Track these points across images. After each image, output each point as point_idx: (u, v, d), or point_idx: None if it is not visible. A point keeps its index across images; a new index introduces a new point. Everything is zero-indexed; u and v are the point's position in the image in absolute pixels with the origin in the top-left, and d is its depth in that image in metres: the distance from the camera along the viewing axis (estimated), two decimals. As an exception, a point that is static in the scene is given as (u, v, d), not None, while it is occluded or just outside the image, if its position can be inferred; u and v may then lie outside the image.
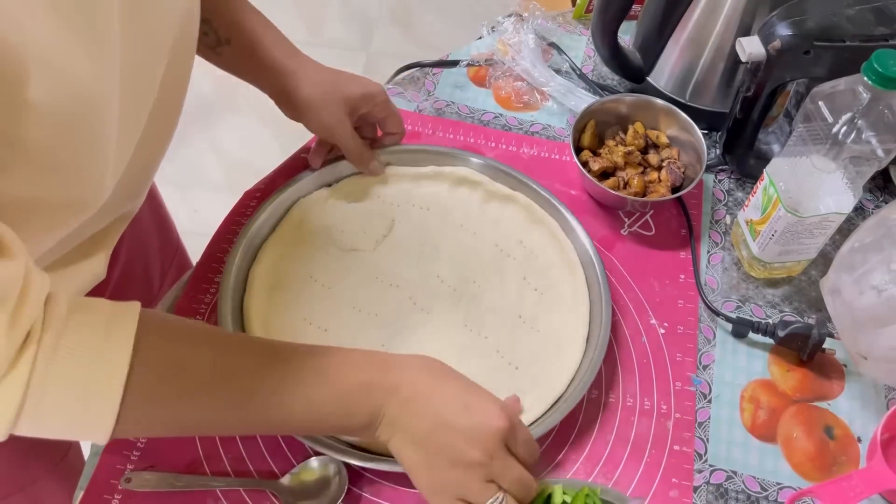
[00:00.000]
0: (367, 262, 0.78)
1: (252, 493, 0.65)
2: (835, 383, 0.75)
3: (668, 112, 0.87)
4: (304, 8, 2.40)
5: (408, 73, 0.99)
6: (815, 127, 0.68)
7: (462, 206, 0.83)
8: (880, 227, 0.71)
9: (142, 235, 0.88)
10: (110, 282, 0.80)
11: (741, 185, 0.90)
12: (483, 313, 0.75)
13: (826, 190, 0.71)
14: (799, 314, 0.80)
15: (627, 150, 0.86)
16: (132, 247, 0.84)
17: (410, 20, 2.43)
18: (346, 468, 0.66)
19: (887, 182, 0.90)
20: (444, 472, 0.56)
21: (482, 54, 1.00)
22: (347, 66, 0.80)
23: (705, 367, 0.75)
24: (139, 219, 0.75)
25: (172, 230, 1.00)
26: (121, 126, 0.50)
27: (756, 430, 0.72)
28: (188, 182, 1.94)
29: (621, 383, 0.73)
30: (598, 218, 0.84)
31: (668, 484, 0.68)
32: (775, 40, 0.75)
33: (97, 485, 0.65)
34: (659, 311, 0.78)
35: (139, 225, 0.81)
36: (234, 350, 0.56)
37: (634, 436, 0.70)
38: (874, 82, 0.64)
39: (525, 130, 0.94)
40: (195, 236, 0.90)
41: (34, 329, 0.45)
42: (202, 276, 0.78)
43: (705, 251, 0.84)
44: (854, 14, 0.75)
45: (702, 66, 0.90)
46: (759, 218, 0.77)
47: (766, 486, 0.69)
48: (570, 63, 1.00)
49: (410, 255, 0.79)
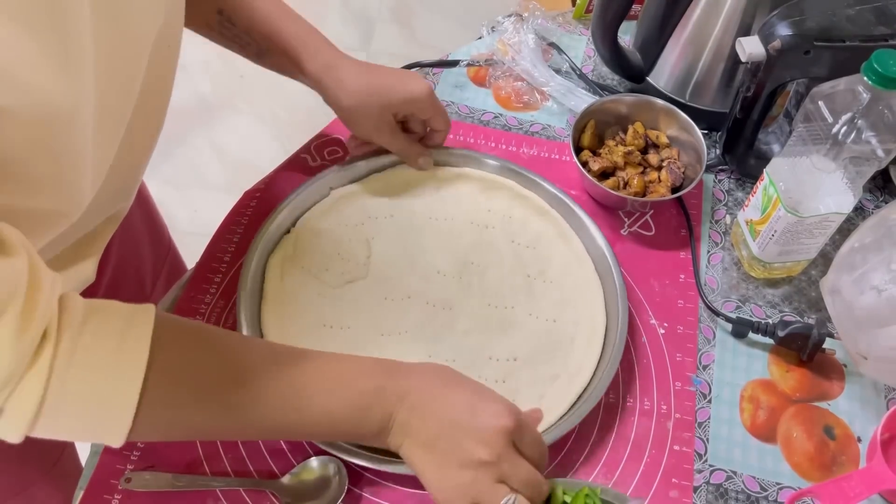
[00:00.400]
0: (368, 288, 0.76)
1: (252, 493, 0.65)
2: (835, 383, 0.75)
3: (668, 112, 0.87)
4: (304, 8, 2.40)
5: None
6: (815, 127, 0.68)
7: (420, 198, 0.83)
8: (880, 227, 0.71)
9: (132, 237, 0.87)
10: (101, 284, 0.80)
11: (741, 185, 0.90)
12: (497, 286, 0.77)
13: (826, 190, 0.71)
14: (799, 314, 0.80)
15: (627, 150, 0.86)
16: (123, 248, 0.84)
17: (410, 20, 2.43)
18: (346, 468, 0.66)
19: (887, 182, 0.90)
20: (454, 474, 0.56)
21: (482, 54, 1.00)
22: (347, 66, 0.79)
23: (705, 367, 0.75)
24: (129, 220, 0.75)
25: (164, 230, 0.99)
26: (98, 135, 0.49)
27: (756, 430, 0.72)
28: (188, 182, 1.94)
29: (621, 383, 0.73)
30: (598, 218, 0.84)
31: (668, 484, 0.68)
32: (775, 40, 0.75)
33: (97, 485, 0.65)
34: (659, 311, 0.78)
35: (129, 226, 0.81)
36: (250, 355, 0.56)
37: (634, 436, 0.70)
38: (874, 82, 0.64)
39: (525, 130, 0.94)
40: (195, 236, 0.90)
41: (49, 330, 0.45)
42: (202, 276, 0.78)
43: (705, 251, 0.84)
44: (854, 14, 0.75)
45: (702, 66, 0.90)
46: (759, 218, 0.77)
47: (766, 486, 0.69)
48: (570, 63, 1.00)
49: (402, 263, 0.78)
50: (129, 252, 0.88)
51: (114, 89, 0.50)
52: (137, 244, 0.90)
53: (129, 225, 0.78)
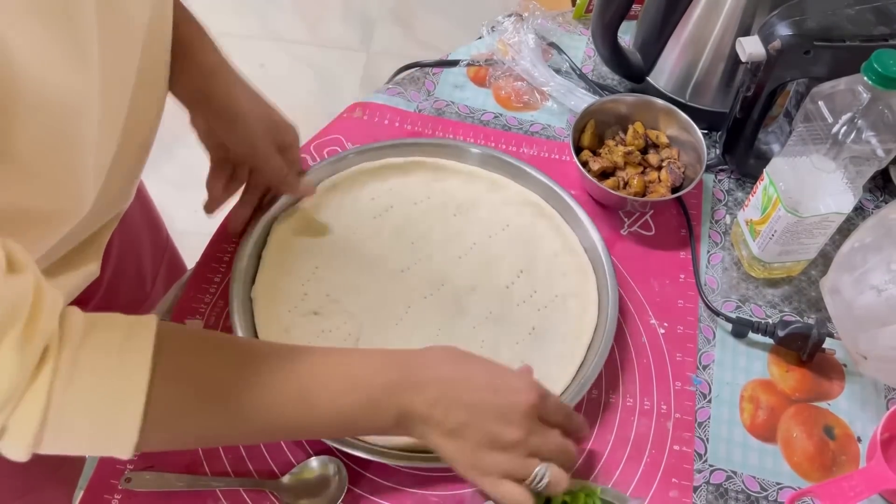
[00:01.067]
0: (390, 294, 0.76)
1: (252, 493, 0.65)
2: (835, 383, 0.75)
3: (668, 112, 0.87)
4: (304, 8, 2.40)
5: (408, 73, 0.99)
6: (815, 127, 0.68)
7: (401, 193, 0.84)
8: (880, 227, 0.71)
9: (132, 233, 0.87)
10: (103, 281, 0.80)
11: (741, 185, 0.90)
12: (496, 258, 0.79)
13: (826, 190, 0.71)
14: (799, 314, 0.80)
15: (627, 150, 0.86)
16: (123, 245, 0.84)
17: (410, 20, 2.43)
18: (346, 468, 0.66)
19: (887, 182, 0.90)
20: (485, 456, 0.57)
21: (482, 54, 1.00)
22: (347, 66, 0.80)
23: (705, 367, 0.75)
24: (129, 217, 0.75)
25: (162, 228, 1.00)
26: (101, 129, 0.49)
27: (756, 430, 0.72)
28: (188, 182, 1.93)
29: (621, 383, 0.73)
30: (598, 218, 0.84)
31: (668, 484, 0.68)
32: (775, 40, 0.75)
33: (97, 485, 0.65)
34: (659, 311, 0.78)
35: (129, 223, 0.81)
36: (257, 357, 0.56)
37: (634, 436, 0.70)
38: (874, 82, 0.64)
39: (525, 130, 0.94)
40: (195, 236, 0.90)
41: (51, 346, 0.45)
42: (202, 276, 0.78)
43: (705, 251, 0.84)
44: (854, 14, 0.75)
45: (702, 66, 0.90)
46: (759, 218, 0.77)
47: (766, 485, 0.69)
48: (570, 63, 1.00)
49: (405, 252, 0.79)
50: (130, 249, 0.88)
51: (114, 82, 0.50)
52: (138, 241, 0.91)
53: (128, 222, 0.78)
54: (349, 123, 0.92)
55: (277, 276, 0.75)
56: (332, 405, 0.56)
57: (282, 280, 0.75)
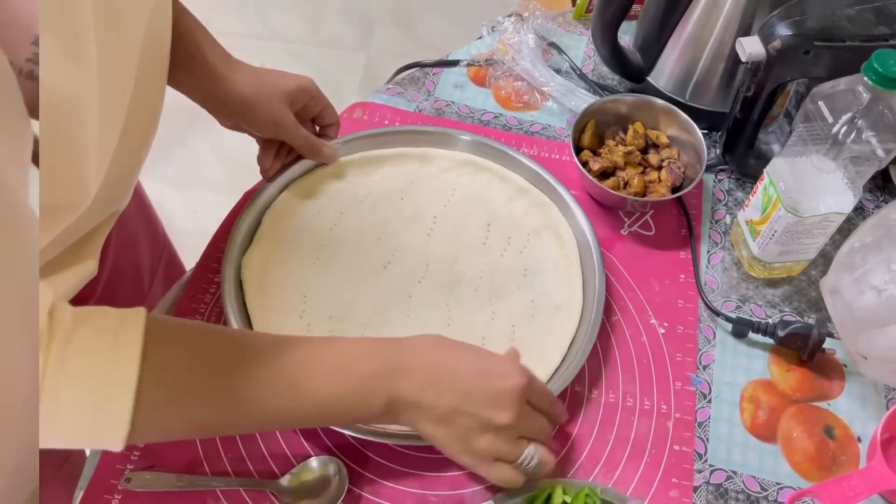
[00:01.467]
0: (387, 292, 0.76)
1: (252, 493, 0.65)
2: (835, 383, 0.75)
3: (668, 112, 0.87)
4: (304, 8, 2.40)
5: (408, 73, 0.99)
6: (815, 127, 0.68)
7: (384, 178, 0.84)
8: (880, 227, 0.71)
9: (129, 233, 0.87)
10: (100, 280, 0.80)
11: (741, 185, 0.90)
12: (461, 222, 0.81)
13: (826, 190, 0.71)
14: (799, 314, 0.80)
15: (627, 150, 0.86)
16: (120, 245, 0.84)
17: (410, 20, 2.43)
18: (346, 468, 0.66)
19: (887, 182, 0.90)
20: (476, 440, 0.59)
21: (482, 54, 1.00)
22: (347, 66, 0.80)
23: (705, 367, 0.75)
24: (126, 216, 0.75)
25: (159, 227, 1.00)
26: (100, 126, 0.49)
27: (756, 430, 0.72)
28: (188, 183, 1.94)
29: (621, 383, 0.73)
30: (598, 218, 0.84)
31: (668, 484, 0.68)
32: (775, 40, 0.75)
33: (97, 485, 0.65)
34: (659, 311, 0.78)
35: (126, 222, 0.81)
36: (246, 346, 0.56)
37: (634, 436, 0.70)
38: (874, 82, 0.64)
39: (525, 130, 0.94)
40: (195, 236, 0.90)
41: (41, 341, 0.45)
42: (202, 276, 0.78)
43: (705, 251, 0.84)
44: (854, 14, 0.75)
45: (702, 66, 0.90)
46: (759, 218, 0.77)
47: (766, 485, 0.69)
48: (570, 63, 1.00)
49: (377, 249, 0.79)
50: (127, 248, 0.88)
51: (113, 79, 0.50)
52: (135, 241, 0.91)
53: (125, 221, 0.78)
54: (349, 124, 0.92)
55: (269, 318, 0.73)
56: (321, 393, 0.56)
57: (274, 319, 0.73)
